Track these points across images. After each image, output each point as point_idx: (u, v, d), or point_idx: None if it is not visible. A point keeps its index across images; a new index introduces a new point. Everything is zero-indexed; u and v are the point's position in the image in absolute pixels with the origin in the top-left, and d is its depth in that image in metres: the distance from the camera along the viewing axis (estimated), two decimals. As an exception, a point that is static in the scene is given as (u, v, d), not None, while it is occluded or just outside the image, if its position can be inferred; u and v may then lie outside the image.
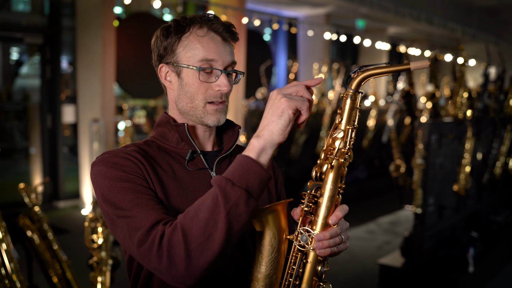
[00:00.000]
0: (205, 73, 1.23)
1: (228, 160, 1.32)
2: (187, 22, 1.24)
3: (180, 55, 1.24)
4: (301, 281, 1.10)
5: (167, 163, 1.24)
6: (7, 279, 2.29)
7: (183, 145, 1.26)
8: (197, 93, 1.24)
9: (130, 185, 1.13)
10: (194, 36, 1.23)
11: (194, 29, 1.23)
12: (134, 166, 1.17)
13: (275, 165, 1.44)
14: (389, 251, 5.01)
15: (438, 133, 3.91)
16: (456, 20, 12.27)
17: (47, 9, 6.75)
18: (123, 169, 1.15)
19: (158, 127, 1.31)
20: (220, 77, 1.23)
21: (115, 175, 1.14)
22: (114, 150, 1.22)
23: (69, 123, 6.99)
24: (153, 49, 1.30)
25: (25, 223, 2.84)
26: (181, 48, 1.24)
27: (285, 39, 11.14)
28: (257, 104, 8.71)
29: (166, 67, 1.28)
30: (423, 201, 3.83)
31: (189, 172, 1.24)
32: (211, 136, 1.32)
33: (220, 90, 1.23)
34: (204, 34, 1.23)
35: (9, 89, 7.30)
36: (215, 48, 1.22)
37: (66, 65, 7.36)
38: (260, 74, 7.74)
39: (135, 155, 1.19)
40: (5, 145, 7.14)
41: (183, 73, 1.25)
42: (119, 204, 1.11)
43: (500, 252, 4.65)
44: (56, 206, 6.64)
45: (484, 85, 5.14)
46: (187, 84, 1.24)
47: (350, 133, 1.13)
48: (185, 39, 1.24)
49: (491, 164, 5.02)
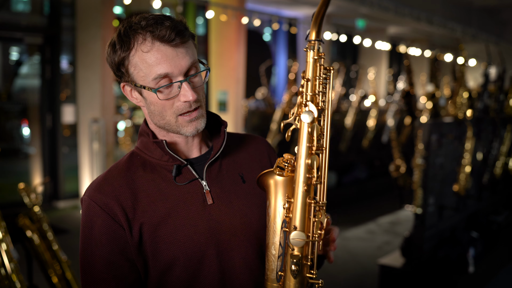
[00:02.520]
0: (164, 89, 1.12)
1: (219, 162, 1.25)
2: (129, 36, 1.11)
3: (133, 75, 1.14)
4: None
5: (154, 183, 1.18)
6: (7, 279, 2.29)
7: (167, 158, 1.19)
8: (164, 110, 1.15)
9: (100, 254, 1.14)
10: (140, 53, 1.11)
11: (138, 43, 1.11)
12: (110, 225, 1.14)
13: (271, 151, 1.38)
14: (389, 251, 5.01)
15: (438, 133, 3.91)
16: (456, 20, 12.27)
17: (47, 9, 6.75)
18: (99, 230, 1.14)
19: (141, 136, 1.25)
20: (181, 87, 1.12)
21: (92, 235, 1.15)
22: (94, 192, 1.16)
23: (69, 123, 6.99)
24: (109, 65, 1.19)
25: (25, 223, 2.83)
26: (132, 68, 1.13)
27: (285, 39, 11.14)
28: (257, 104, 8.71)
29: (128, 85, 1.18)
30: (423, 201, 3.83)
31: (178, 188, 1.18)
32: (195, 140, 1.24)
33: (186, 101, 1.13)
34: (149, 49, 1.10)
35: (9, 89, 7.29)
36: (165, 61, 1.10)
37: (66, 65, 7.35)
38: (260, 74, 7.74)
39: (113, 203, 1.14)
40: (5, 145, 7.14)
41: (144, 93, 1.16)
42: (88, 267, 1.15)
43: (500, 252, 4.65)
44: (56, 206, 6.64)
45: (484, 85, 5.13)
46: (151, 103, 1.16)
47: (313, 86, 1.04)
48: (132, 57, 1.12)
49: (491, 164, 5.02)
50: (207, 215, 1.18)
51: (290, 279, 1.02)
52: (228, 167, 1.26)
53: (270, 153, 1.37)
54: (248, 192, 1.26)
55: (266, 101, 7.60)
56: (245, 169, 1.28)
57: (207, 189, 1.20)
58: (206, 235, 1.16)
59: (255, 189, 1.22)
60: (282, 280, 1.05)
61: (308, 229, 1.02)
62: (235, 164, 1.28)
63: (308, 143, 1.03)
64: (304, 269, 1.03)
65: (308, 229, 1.03)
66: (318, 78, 1.05)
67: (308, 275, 1.03)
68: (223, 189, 1.22)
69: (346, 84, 10.67)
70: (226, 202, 1.21)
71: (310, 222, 1.03)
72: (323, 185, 1.05)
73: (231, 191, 1.23)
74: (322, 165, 1.05)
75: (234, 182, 1.25)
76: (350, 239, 5.56)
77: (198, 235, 1.16)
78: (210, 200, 1.19)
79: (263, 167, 1.29)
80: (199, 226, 1.17)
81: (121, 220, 1.14)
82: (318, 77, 1.05)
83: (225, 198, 1.22)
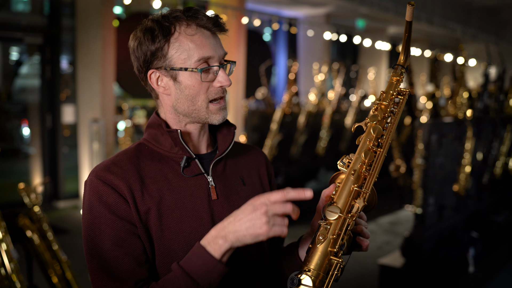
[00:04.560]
0: (204, 72, 1.18)
1: (223, 162, 1.29)
2: (170, 21, 1.17)
3: (173, 58, 1.17)
4: None
5: (161, 173, 1.20)
6: (7, 279, 2.29)
7: (176, 150, 1.22)
8: (199, 94, 1.19)
9: (110, 232, 1.12)
10: (185, 36, 1.17)
11: (182, 28, 1.17)
12: (119, 200, 1.14)
13: (268, 163, 1.43)
14: (389, 251, 5.01)
15: (438, 133, 3.91)
16: (456, 20, 12.27)
17: (47, 9, 6.75)
18: (108, 203, 1.13)
19: (150, 128, 1.27)
20: (219, 72, 1.19)
21: (100, 213, 1.13)
22: (101, 172, 1.17)
23: (69, 123, 6.99)
24: (135, 55, 1.21)
25: (25, 223, 2.83)
26: (173, 51, 1.17)
27: (285, 39, 11.14)
28: (257, 104, 8.71)
29: (156, 72, 1.21)
30: (423, 201, 3.83)
31: (185, 180, 1.21)
32: (205, 136, 1.29)
33: (222, 86, 1.20)
34: (195, 32, 1.17)
35: (9, 89, 7.30)
36: (208, 44, 1.18)
37: (66, 65, 7.35)
38: (260, 74, 7.74)
39: (122, 184, 1.15)
40: (5, 145, 7.14)
41: (179, 76, 1.19)
42: (97, 248, 1.12)
43: (500, 252, 4.65)
44: (56, 206, 6.64)
45: (484, 85, 5.13)
46: (186, 87, 1.19)
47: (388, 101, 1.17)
48: (174, 40, 1.17)
49: (491, 164, 5.02)
50: (211, 209, 1.21)
51: (315, 247, 1.06)
52: (231, 168, 1.30)
53: (268, 163, 1.43)
54: (248, 194, 1.29)
55: (266, 101, 7.60)
56: (245, 174, 1.33)
57: (212, 184, 1.23)
58: (209, 229, 1.17)
59: (254, 192, 1.29)
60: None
61: (344, 208, 1.07)
62: (237, 167, 1.32)
63: (368, 139, 1.13)
64: (331, 243, 1.06)
65: (344, 208, 1.07)
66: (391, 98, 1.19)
67: (331, 249, 1.05)
68: (226, 187, 1.26)
69: (346, 84, 10.67)
70: (228, 200, 1.25)
71: (347, 203, 1.08)
72: (372, 177, 1.10)
73: (233, 190, 1.27)
74: (376, 162, 1.12)
75: (236, 182, 1.29)
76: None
77: (202, 228, 1.18)
78: (214, 195, 1.22)
79: (260, 175, 1.37)
80: (204, 219, 1.19)
81: (130, 201, 1.14)
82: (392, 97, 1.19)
83: (228, 195, 1.25)
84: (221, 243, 1.03)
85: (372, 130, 1.12)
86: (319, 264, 1.04)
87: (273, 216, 1.01)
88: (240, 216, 1.03)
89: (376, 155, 1.12)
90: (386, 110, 1.15)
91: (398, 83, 1.18)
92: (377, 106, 1.16)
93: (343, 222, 1.06)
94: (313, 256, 1.05)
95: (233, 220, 1.03)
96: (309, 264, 1.04)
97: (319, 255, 1.04)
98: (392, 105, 1.17)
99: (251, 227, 1.01)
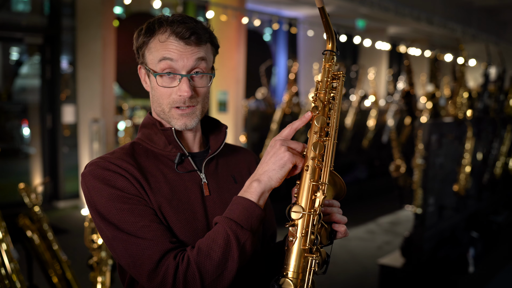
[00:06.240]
0: (167, 78, 1.21)
1: (215, 161, 1.33)
2: (157, 25, 1.23)
3: (146, 58, 1.24)
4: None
5: (157, 168, 1.24)
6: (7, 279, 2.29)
7: (170, 148, 1.27)
8: (162, 98, 1.23)
9: (129, 207, 1.14)
10: (157, 41, 1.22)
11: (159, 33, 1.22)
12: (127, 183, 1.17)
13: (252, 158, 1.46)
14: (389, 251, 5.01)
15: (438, 133, 3.91)
16: (456, 20, 12.26)
17: (47, 9, 6.75)
18: (117, 187, 1.15)
19: (143, 128, 1.31)
20: (181, 81, 1.21)
21: (111, 194, 1.14)
22: (102, 162, 1.19)
23: (69, 123, 6.99)
24: (134, 48, 1.31)
25: (25, 223, 2.83)
26: (147, 52, 1.24)
27: (285, 39, 11.14)
28: (257, 104, 8.71)
29: (142, 68, 1.28)
30: (423, 201, 3.83)
31: (179, 175, 1.25)
32: (197, 137, 1.33)
33: (181, 96, 1.21)
34: (165, 39, 1.21)
35: (9, 89, 7.29)
36: (173, 50, 1.20)
37: (66, 65, 7.35)
38: (260, 74, 7.74)
39: (126, 168, 1.19)
40: (5, 145, 7.14)
41: (151, 77, 1.25)
42: (121, 226, 1.13)
43: (500, 252, 4.65)
44: (56, 206, 6.64)
45: (484, 85, 5.13)
46: (153, 88, 1.26)
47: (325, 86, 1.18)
48: (150, 42, 1.23)
49: (491, 164, 5.02)
50: (204, 205, 1.25)
51: (288, 249, 1.11)
52: (223, 167, 1.35)
53: (258, 163, 1.43)
54: (239, 191, 1.30)
55: (266, 101, 7.60)
56: (236, 173, 1.38)
57: (205, 181, 1.28)
58: (202, 223, 1.22)
59: None
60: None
61: (306, 205, 1.11)
62: (228, 166, 1.37)
63: (314, 132, 1.14)
64: (302, 241, 1.09)
65: (307, 205, 1.11)
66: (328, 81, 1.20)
67: (303, 247, 1.09)
68: (219, 185, 1.31)
69: (346, 84, 10.67)
70: (220, 196, 1.29)
71: (309, 199, 1.12)
72: (326, 167, 1.13)
73: (224, 188, 1.31)
74: (327, 151, 1.14)
75: (227, 180, 1.33)
76: (350, 239, 5.55)
77: (195, 221, 1.22)
78: (207, 191, 1.27)
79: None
80: (197, 213, 1.23)
81: (137, 186, 1.18)
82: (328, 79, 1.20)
83: (220, 192, 1.30)
84: (255, 186, 1.12)
85: (315, 121, 1.14)
86: (296, 265, 1.09)
87: (292, 149, 1.12)
88: (264, 159, 1.13)
89: (326, 145, 1.14)
90: (325, 99, 1.16)
91: (331, 69, 1.20)
92: (315, 97, 1.17)
93: (308, 219, 1.10)
94: (289, 259, 1.09)
95: (260, 165, 1.14)
96: (286, 268, 1.09)
97: (294, 256, 1.09)
98: (330, 91, 1.18)
99: (276, 160, 1.11)
